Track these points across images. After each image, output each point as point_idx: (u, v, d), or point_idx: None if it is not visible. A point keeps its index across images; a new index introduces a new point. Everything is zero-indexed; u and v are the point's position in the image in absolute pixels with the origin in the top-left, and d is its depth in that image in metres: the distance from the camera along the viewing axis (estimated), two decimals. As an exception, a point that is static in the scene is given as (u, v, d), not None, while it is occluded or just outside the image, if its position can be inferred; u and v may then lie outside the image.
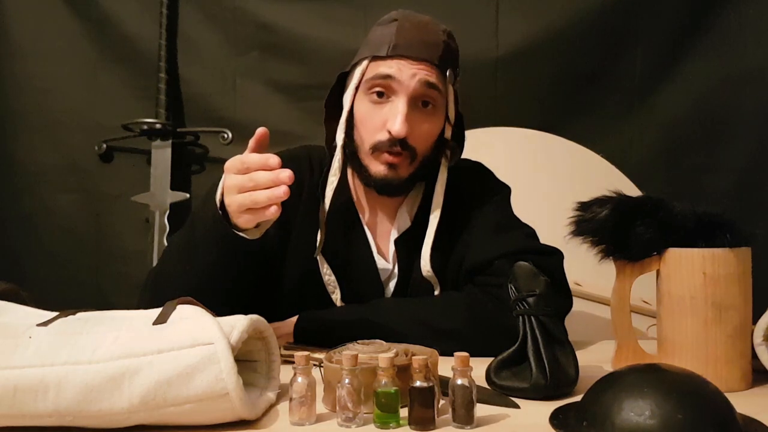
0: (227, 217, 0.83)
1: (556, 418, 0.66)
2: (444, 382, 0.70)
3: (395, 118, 0.99)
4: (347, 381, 0.64)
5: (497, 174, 1.20)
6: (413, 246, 1.08)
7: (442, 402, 0.69)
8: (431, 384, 0.64)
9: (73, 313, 0.71)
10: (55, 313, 0.71)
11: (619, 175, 1.77)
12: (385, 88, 1.01)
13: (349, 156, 1.07)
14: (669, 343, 0.84)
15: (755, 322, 0.81)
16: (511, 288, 0.82)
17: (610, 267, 0.89)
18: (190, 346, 0.62)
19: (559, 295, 0.98)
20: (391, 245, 1.10)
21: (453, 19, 1.14)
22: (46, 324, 0.68)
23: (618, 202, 0.87)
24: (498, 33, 1.90)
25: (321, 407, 0.69)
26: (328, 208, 1.04)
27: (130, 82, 1.99)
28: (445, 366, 0.70)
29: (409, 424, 0.64)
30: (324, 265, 1.06)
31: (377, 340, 0.74)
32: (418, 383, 0.63)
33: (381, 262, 1.09)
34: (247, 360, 0.72)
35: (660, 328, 0.86)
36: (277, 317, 1.02)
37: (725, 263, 0.80)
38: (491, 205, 1.12)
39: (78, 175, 2.00)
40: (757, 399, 0.77)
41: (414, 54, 1.00)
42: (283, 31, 1.96)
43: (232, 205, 0.80)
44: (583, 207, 0.90)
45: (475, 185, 1.14)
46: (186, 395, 0.61)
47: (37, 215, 1.99)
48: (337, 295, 1.07)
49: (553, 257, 1.03)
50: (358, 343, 0.73)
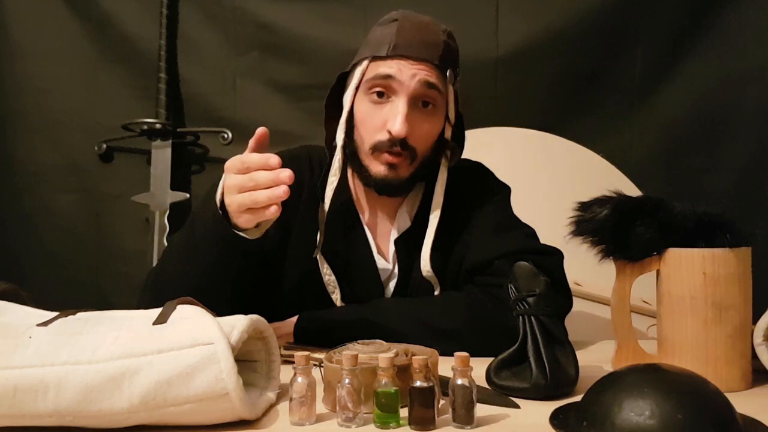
0: (227, 217, 0.83)
1: (556, 418, 0.66)
2: (444, 382, 0.70)
3: (395, 118, 0.99)
4: (347, 381, 0.64)
5: (497, 174, 1.20)
6: (413, 246, 1.08)
7: (442, 402, 0.69)
8: (431, 384, 0.63)
9: (73, 313, 0.71)
10: (55, 313, 0.71)
11: (619, 175, 1.77)
12: (385, 88, 1.01)
13: (349, 156, 1.07)
14: (669, 343, 0.84)
15: (755, 322, 0.81)
16: (511, 288, 0.82)
17: (610, 267, 0.89)
18: (190, 346, 0.62)
19: (559, 295, 0.98)
20: (391, 245, 1.10)
21: (453, 19, 1.14)
22: (46, 324, 0.68)
23: (618, 202, 0.87)
24: (498, 33, 1.90)
25: (321, 407, 0.69)
26: (328, 208, 1.04)
27: (130, 82, 1.99)
28: (445, 366, 0.70)
29: (409, 424, 0.64)
30: (324, 265, 1.06)
31: (377, 340, 0.74)
32: (418, 383, 0.63)
33: (381, 262, 1.09)
34: (247, 360, 0.72)
35: (660, 328, 0.86)
36: (277, 317, 1.02)
37: (725, 263, 0.80)
38: (491, 205, 1.12)
39: (78, 175, 2.00)
40: (757, 399, 0.77)
41: (414, 54, 1.00)
42: (283, 31, 1.96)
43: (232, 205, 0.80)
44: (583, 207, 0.90)
45: (475, 185, 1.14)
46: (186, 395, 0.61)
47: (37, 215, 1.99)
48: (337, 295, 1.07)
49: (553, 257, 1.03)
50: (358, 343, 0.73)
